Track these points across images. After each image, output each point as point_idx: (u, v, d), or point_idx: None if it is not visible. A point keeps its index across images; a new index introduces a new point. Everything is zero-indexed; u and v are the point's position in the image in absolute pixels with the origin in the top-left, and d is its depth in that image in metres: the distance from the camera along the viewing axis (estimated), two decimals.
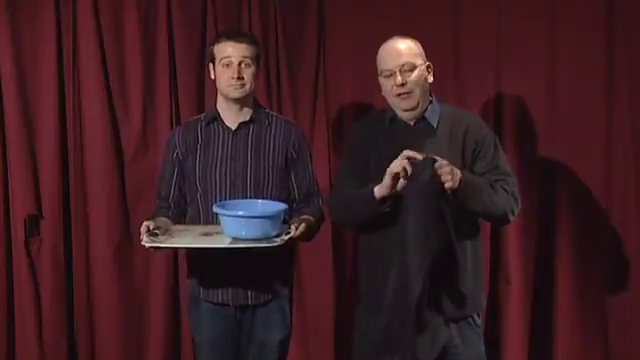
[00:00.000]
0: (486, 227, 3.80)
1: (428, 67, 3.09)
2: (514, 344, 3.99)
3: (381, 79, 3.08)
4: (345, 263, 4.05)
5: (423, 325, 2.92)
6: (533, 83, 3.94)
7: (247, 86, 3.21)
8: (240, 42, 3.20)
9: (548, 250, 4.00)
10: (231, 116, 3.27)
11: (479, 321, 3.14)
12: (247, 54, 3.20)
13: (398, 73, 3.02)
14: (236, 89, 3.20)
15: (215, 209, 3.02)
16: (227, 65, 3.19)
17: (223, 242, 2.98)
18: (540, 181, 3.97)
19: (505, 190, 3.03)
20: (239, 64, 3.18)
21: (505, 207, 3.03)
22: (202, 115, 3.38)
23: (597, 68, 3.92)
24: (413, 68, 3.03)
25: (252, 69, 3.22)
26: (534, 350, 4.02)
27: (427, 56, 3.12)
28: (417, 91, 3.04)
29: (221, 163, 3.23)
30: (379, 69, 3.08)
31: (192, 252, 3.27)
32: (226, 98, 3.24)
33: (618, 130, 3.94)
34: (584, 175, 3.96)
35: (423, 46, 3.11)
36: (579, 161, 3.95)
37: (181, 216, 3.31)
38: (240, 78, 3.18)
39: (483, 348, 3.15)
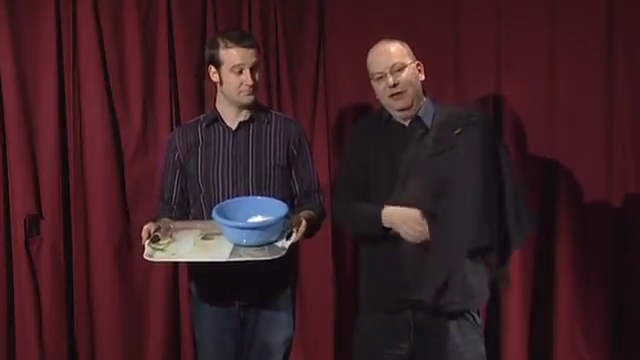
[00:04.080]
0: None
1: (418, 65, 3.10)
2: (514, 344, 3.99)
3: (373, 83, 3.09)
4: (345, 263, 4.05)
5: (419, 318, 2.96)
6: (533, 83, 3.94)
7: (257, 90, 3.22)
8: (250, 47, 3.17)
9: (548, 250, 4.00)
10: (232, 116, 3.26)
11: (479, 320, 3.14)
12: (256, 59, 3.19)
13: (389, 74, 3.03)
14: (248, 95, 3.19)
15: (214, 216, 3.01)
16: (239, 72, 3.17)
17: (224, 252, 2.97)
18: (540, 181, 3.97)
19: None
20: (251, 70, 3.17)
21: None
22: (201, 117, 3.37)
23: (597, 68, 3.92)
24: (403, 67, 3.04)
25: (259, 72, 3.23)
26: (534, 350, 4.02)
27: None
28: (410, 90, 3.05)
29: (223, 163, 3.23)
30: (370, 73, 3.09)
31: None
32: (236, 103, 3.23)
33: (618, 130, 3.94)
34: (584, 175, 3.96)
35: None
36: (579, 161, 3.95)
37: (183, 217, 3.29)
38: (253, 84, 3.18)
39: (484, 347, 3.15)
